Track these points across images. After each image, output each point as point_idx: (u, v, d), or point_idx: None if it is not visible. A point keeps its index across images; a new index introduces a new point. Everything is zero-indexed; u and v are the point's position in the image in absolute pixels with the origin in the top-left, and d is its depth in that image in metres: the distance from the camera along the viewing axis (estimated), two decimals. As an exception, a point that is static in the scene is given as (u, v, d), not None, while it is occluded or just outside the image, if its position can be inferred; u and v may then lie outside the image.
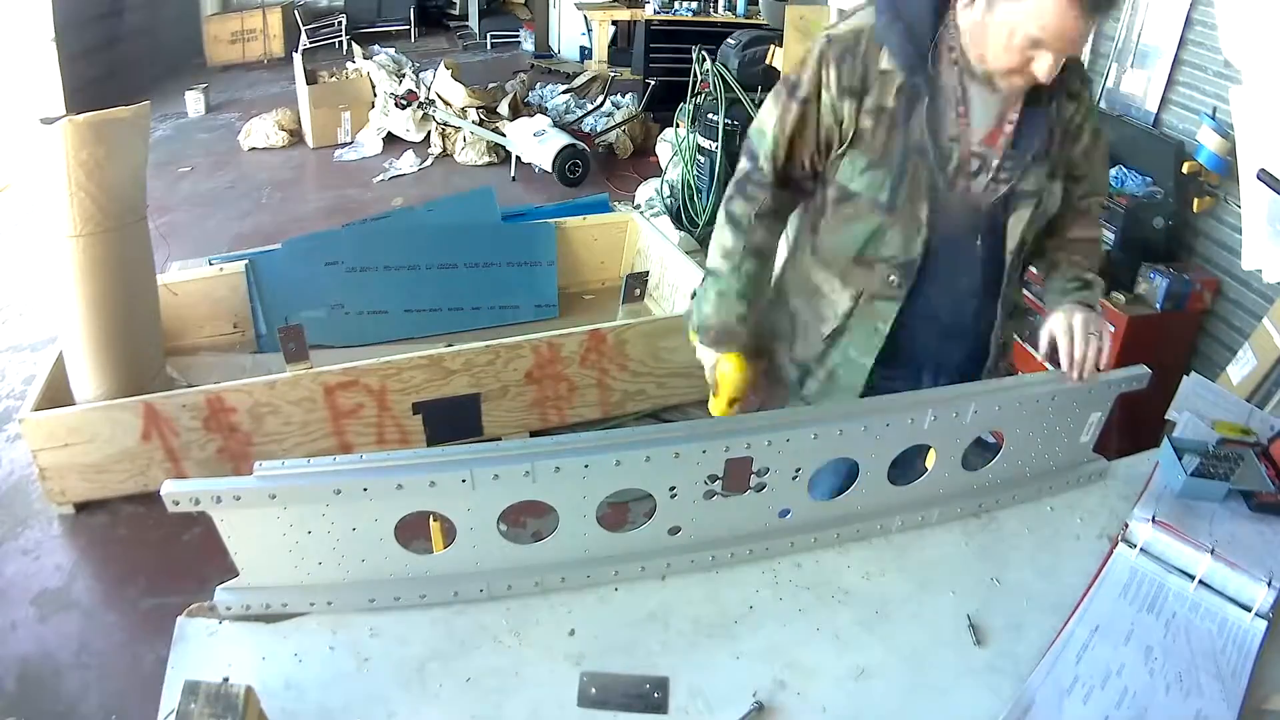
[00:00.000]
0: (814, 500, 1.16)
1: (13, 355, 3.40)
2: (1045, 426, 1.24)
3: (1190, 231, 2.53)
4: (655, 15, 6.24)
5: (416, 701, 0.94)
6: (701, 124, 4.31)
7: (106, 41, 6.71)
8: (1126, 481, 1.34)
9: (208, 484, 0.93)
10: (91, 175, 2.36)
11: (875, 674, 1.01)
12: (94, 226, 2.40)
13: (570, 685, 0.97)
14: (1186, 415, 1.44)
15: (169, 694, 0.90)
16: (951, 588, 1.13)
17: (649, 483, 1.06)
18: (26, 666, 2.08)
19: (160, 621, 1.09)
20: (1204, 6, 2.41)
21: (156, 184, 2.73)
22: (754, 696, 0.96)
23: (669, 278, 3.51)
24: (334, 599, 1.03)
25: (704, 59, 4.28)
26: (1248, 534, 1.23)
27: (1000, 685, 1.00)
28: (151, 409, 2.47)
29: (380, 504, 0.99)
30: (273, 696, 0.90)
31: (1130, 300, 2.43)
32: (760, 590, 1.12)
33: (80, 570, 2.39)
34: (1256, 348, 2.10)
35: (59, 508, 2.54)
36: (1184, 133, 2.49)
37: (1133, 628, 1.07)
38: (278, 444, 2.59)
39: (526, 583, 1.08)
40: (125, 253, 2.51)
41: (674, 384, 3.05)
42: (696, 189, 4.40)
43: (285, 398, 2.52)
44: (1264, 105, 2.19)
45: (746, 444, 1.07)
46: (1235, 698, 0.99)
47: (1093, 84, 1.31)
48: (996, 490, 1.27)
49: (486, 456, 1.01)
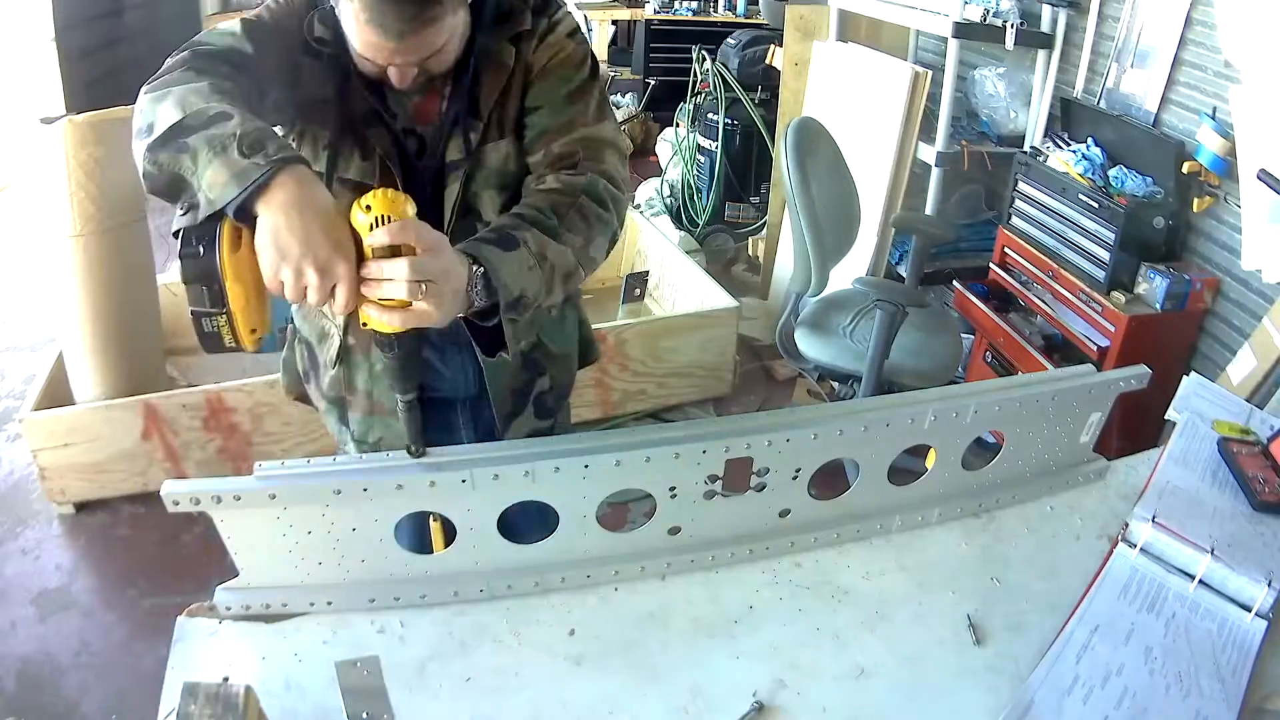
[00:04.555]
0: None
1: (13, 355, 3.40)
2: (1045, 426, 1.24)
3: (1190, 231, 2.53)
4: (655, 15, 6.23)
5: (416, 701, 0.94)
6: (701, 124, 4.32)
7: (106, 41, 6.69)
8: (1126, 481, 1.34)
9: (208, 484, 0.93)
10: (91, 175, 2.37)
11: (875, 674, 1.01)
12: (94, 226, 2.41)
13: (570, 685, 0.97)
14: (1186, 415, 1.44)
15: (169, 694, 0.90)
16: (951, 588, 1.13)
17: (649, 483, 1.06)
18: (26, 666, 2.08)
19: (160, 621, 1.09)
20: (1204, 6, 2.40)
21: (156, 184, 2.73)
22: (754, 696, 0.96)
23: (669, 278, 3.51)
24: (334, 599, 1.03)
25: (704, 59, 4.28)
26: (1248, 534, 1.23)
27: (1000, 685, 1.00)
28: (151, 409, 2.47)
29: (380, 504, 0.99)
30: (273, 696, 0.90)
31: (1130, 300, 2.43)
32: (760, 590, 1.12)
33: (80, 570, 2.40)
34: (1256, 348, 2.10)
35: (59, 507, 2.54)
36: (1184, 133, 2.49)
37: (1133, 628, 1.07)
38: (278, 444, 2.59)
39: (526, 583, 1.08)
40: (125, 253, 2.51)
41: (674, 384, 3.06)
42: (696, 189, 4.40)
43: (285, 397, 2.52)
44: (1264, 105, 2.19)
45: (746, 444, 1.07)
46: (1235, 698, 0.99)
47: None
48: (996, 490, 1.27)
49: (486, 456, 1.01)
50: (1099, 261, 2.49)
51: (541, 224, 1.03)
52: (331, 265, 0.86)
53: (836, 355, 2.37)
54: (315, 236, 0.85)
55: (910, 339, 2.35)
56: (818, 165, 2.33)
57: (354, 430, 1.33)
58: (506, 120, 1.18)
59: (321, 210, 0.87)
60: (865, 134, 3.09)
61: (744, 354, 3.34)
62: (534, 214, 1.05)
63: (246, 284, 0.89)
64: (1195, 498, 1.28)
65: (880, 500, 1.20)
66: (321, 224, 0.86)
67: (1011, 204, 2.85)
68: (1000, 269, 2.90)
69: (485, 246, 0.97)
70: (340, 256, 0.87)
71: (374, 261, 0.88)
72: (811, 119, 2.49)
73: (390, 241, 0.87)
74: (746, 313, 3.34)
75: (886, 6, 3.21)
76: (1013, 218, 2.85)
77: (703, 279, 3.28)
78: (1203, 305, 2.46)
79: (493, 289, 0.95)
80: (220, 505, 0.93)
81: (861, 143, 3.01)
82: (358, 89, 1.12)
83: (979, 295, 2.91)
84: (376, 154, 1.14)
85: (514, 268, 0.98)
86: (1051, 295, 2.67)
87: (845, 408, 1.20)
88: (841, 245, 2.49)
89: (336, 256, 0.86)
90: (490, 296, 0.95)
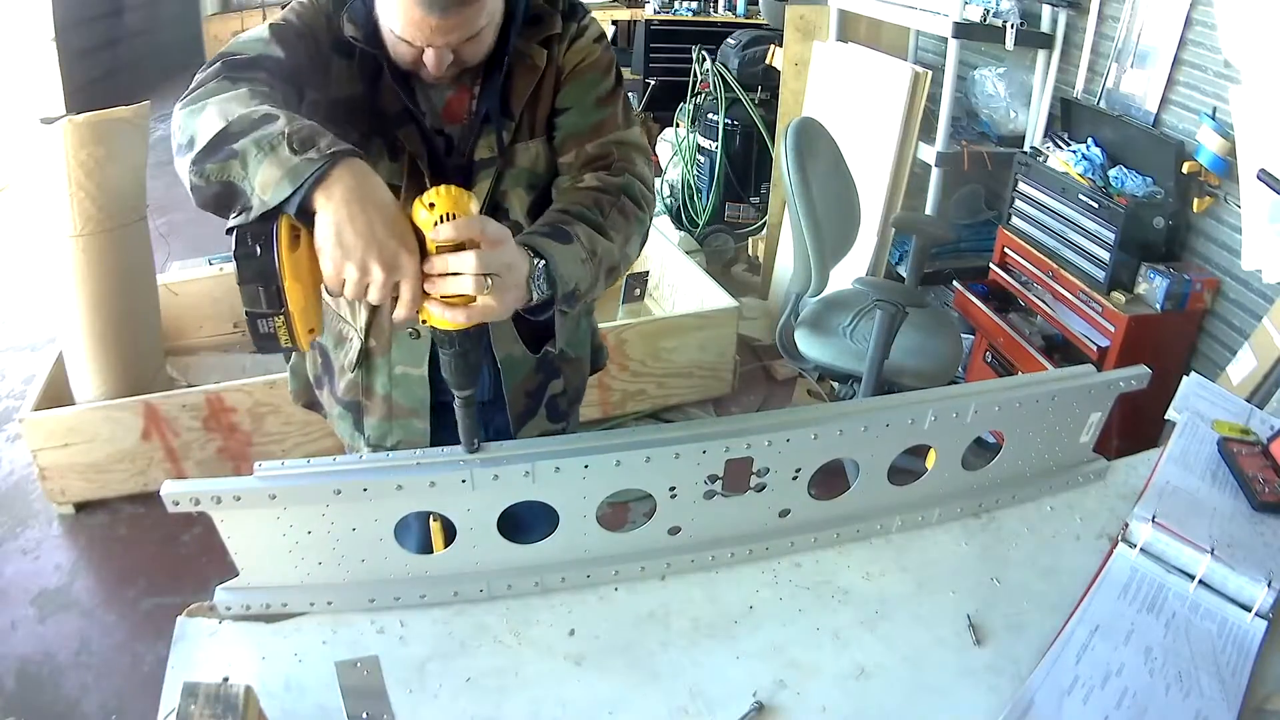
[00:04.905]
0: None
1: (13, 355, 3.40)
2: (1045, 426, 1.24)
3: (1190, 231, 2.53)
4: (655, 15, 6.22)
5: (416, 701, 0.94)
6: (701, 124, 4.31)
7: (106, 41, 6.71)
8: (1126, 481, 1.34)
9: (208, 484, 0.93)
10: (91, 175, 2.37)
11: (875, 674, 1.01)
12: (94, 226, 2.41)
13: (570, 685, 0.97)
14: (1186, 415, 1.44)
15: (169, 694, 0.90)
16: (951, 588, 1.13)
17: (649, 483, 1.06)
18: (26, 666, 2.08)
19: (160, 621, 1.09)
20: (1204, 6, 2.40)
21: (156, 184, 2.73)
22: (754, 696, 0.96)
23: (669, 278, 3.51)
24: (334, 599, 1.03)
25: (704, 59, 4.28)
26: (1248, 534, 1.23)
27: (1000, 685, 1.00)
28: (151, 409, 2.47)
29: (380, 504, 0.99)
30: (273, 696, 0.90)
31: (1130, 300, 2.43)
32: (760, 590, 1.12)
33: (80, 570, 2.40)
34: (1256, 348, 2.10)
35: (59, 507, 2.54)
36: (1184, 133, 2.49)
37: (1133, 628, 1.07)
38: (278, 444, 2.59)
39: (526, 583, 1.08)
40: (125, 253, 2.52)
41: (674, 384, 3.06)
42: (696, 189, 4.40)
43: (285, 398, 2.50)
44: (1264, 105, 2.19)
45: (746, 444, 1.07)
46: (1235, 698, 0.99)
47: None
48: (996, 490, 1.27)
49: (486, 456, 1.01)
50: (1099, 261, 2.49)
51: (588, 219, 1.06)
52: (398, 261, 0.85)
53: (836, 355, 2.37)
54: (380, 232, 0.84)
55: (910, 339, 2.35)
56: (818, 165, 2.33)
57: (369, 435, 1.32)
58: (537, 121, 1.19)
59: (383, 204, 0.85)
60: (865, 134, 3.09)
61: (744, 354, 3.34)
62: (580, 210, 1.07)
63: (305, 283, 0.87)
64: (1195, 498, 1.28)
65: (880, 500, 1.20)
66: (384, 219, 0.84)
67: (1011, 204, 2.85)
68: (1000, 269, 2.90)
69: (542, 239, 0.98)
70: (406, 252, 0.85)
71: (440, 256, 0.87)
72: (811, 119, 2.49)
73: (458, 237, 0.86)
74: (746, 313, 3.34)
75: (886, 6, 3.21)
76: (1013, 218, 2.85)
77: (703, 279, 3.28)
78: (1203, 305, 2.46)
79: (552, 281, 0.96)
80: (220, 505, 0.93)
81: (861, 143, 3.02)
82: (389, 86, 1.12)
83: (979, 295, 2.91)
84: (406, 154, 1.14)
85: (570, 261, 0.99)
86: (1051, 295, 2.67)
87: (845, 408, 1.20)
88: (841, 245, 2.49)
89: (402, 252, 0.85)
90: (549, 289, 0.96)
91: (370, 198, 0.84)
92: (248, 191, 0.85)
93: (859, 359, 2.28)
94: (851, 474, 1.17)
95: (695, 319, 3.05)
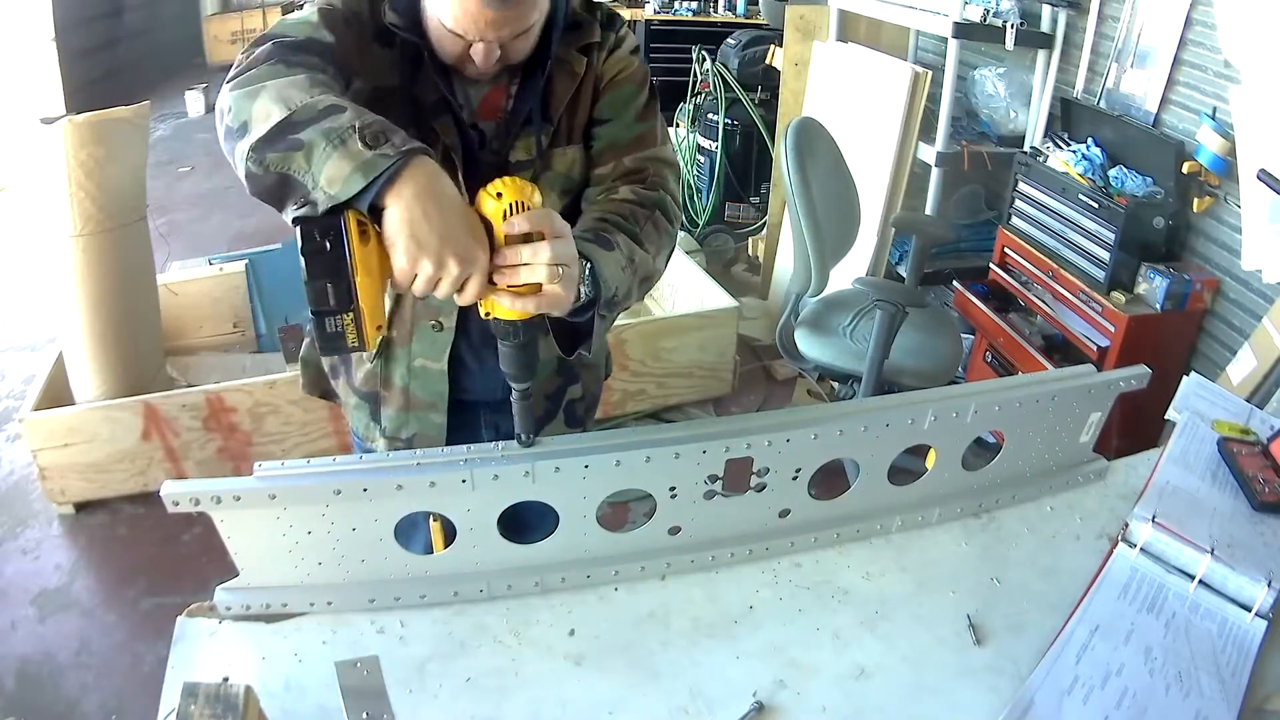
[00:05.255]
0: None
1: (13, 355, 3.40)
2: (1045, 426, 1.24)
3: (1190, 231, 2.53)
4: (655, 15, 6.23)
5: (416, 701, 0.94)
6: (701, 124, 4.32)
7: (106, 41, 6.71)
8: (1126, 481, 1.34)
9: (208, 484, 0.93)
10: (91, 175, 2.37)
11: (875, 674, 1.01)
12: (94, 226, 2.41)
13: (570, 685, 0.97)
14: (1186, 415, 1.44)
15: (169, 694, 0.90)
16: (951, 588, 1.13)
17: (649, 483, 1.06)
18: (26, 666, 2.08)
19: (160, 621, 1.09)
20: (1204, 6, 2.40)
21: (156, 184, 2.73)
22: (754, 696, 0.96)
23: (669, 278, 3.51)
24: (334, 599, 1.03)
25: (704, 59, 4.29)
26: (1248, 534, 1.23)
27: (1000, 685, 1.00)
28: (151, 409, 2.47)
29: (380, 504, 0.99)
30: (273, 696, 0.90)
31: (1130, 300, 2.43)
32: (760, 590, 1.12)
33: (80, 570, 2.40)
34: (1256, 348, 2.10)
35: (59, 507, 2.54)
36: (1184, 133, 2.49)
37: (1133, 628, 1.07)
38: (278, 444, 2.59)
39: (526, 583, 1.08)
40: (125, 253, 2.52)
41: (674, 384, 3.06)
42: (696, 189, 4.40)
43: (285, 398, 2.53)
44: (1264, 105, 2.19)
45: (747, 444, 1.07)
46: (1235, 698, 0.99)
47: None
48: (996, 490, 1.27)
49: (486, 457, 1.01)
50: (1099, 261, 2.49)
51: (626, 229, 1.07)
52: (473, 254, 0.87)
53: (836, 355, 2.37)
54: (454, 226, 0.86)
55: (910, 339, 2.35)
56: (818, 165, 2.33)
57: (385, 426, 1.32)
58: (574, 128, 1.20)
59: (453, 200, 0.87)
60: (865, 134, 3.09)
61: (744, 354, 3.34)
62: (618, 219, 1.08)
63: (375, 279, 0.87)
64: (1195, 498, 1.28)
65: (880, 500, 1.20)
66: (457, 213, 0.86)
67: (1011, 204, 2.85)
68: (1000, 269, 2.91)
69: (586, 244, 0.99)
70: (478, 245, 0.87)
71: (511, 247, 0.88)
72: (811, 119, 2.49)
73: (529, 228, 0.88)
74: (746, 313, 3.34)
75: (886, 6, 3.21)
76: (1013, 218, 2.85)
77: (703, 279, 3.28)
78: (1202, 305, 2.46)
79: (596, 284, 0.97)
80: (220, 505, 0.93)
81: (861, 143, 3.02)
82: (429, 76, 1.11)
83: (979, 295, 2.91)
84: (440, 145, 1.14)
85: (612, 266, 1.01)
86: (1051, 295, 2.67)
87: (845, 408, 1.20)
88: (841, 245, 2.49)
89: (476, 245, 0.87)
90: (592, 291, 0.97)
91: (442, 193, 0.86)
92: (309, 185, 0.84)
93: (859, 359, 2.28)
94: (851, 474, 1.18)
95: (695, 319, 3.05)
